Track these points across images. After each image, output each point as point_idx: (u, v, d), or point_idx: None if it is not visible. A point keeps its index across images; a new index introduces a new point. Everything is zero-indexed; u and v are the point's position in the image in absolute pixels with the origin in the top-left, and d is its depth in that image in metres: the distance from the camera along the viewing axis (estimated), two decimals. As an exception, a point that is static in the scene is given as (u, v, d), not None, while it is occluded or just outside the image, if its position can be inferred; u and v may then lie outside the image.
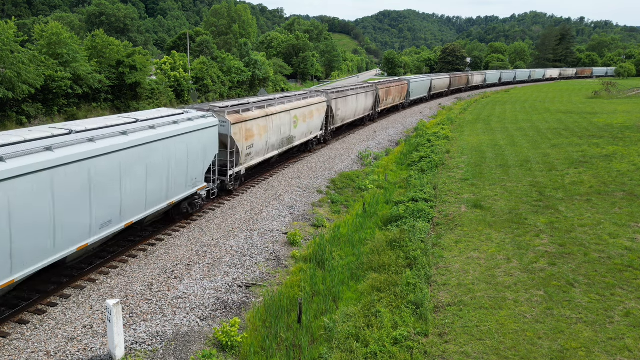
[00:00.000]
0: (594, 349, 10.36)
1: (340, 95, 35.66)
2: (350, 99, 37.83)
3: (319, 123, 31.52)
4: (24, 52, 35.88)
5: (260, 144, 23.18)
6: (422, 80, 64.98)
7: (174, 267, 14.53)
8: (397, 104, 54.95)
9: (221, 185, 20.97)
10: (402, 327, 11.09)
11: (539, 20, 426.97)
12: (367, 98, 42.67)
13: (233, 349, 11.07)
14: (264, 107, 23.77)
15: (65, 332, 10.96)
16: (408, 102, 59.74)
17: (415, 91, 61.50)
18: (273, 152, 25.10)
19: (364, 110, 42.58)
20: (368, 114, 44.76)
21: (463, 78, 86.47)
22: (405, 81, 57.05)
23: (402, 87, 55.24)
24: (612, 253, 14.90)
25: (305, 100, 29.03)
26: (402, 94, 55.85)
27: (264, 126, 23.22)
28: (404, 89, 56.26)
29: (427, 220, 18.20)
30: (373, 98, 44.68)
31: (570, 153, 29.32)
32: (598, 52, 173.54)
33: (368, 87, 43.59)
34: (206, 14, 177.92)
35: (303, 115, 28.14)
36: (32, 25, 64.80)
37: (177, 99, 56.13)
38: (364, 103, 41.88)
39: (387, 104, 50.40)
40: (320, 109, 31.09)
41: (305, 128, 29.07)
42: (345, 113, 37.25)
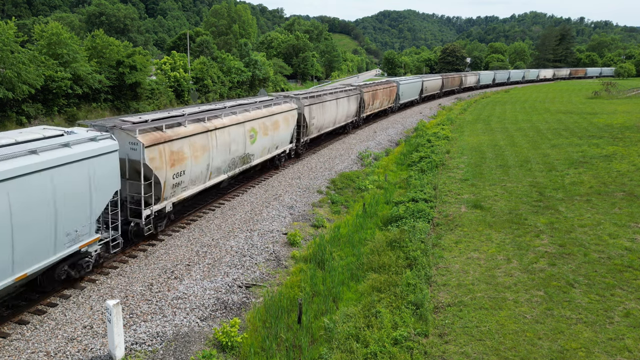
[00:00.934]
0: (593, 349, 10.37)
1: (315, 101, 30.74)
2: (328, 105, 33.04)
3: (287, 135, 26.53)
4: (24, 52, 35.87)
5: (197, 169, 17.76)
6: (412, 82, 61.01)
7: (174, 267, 14.53)
8: (385, 108, 50.56)
9: (136, 229, 15.59)
10: (402, 327, 11.09)
11: (539, 20, 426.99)
12: (349, 103, 37.75)
13: (233, 349, 11.07)
14: (203, 121, 18.40)
15: (65, 333, 10.96)
16: (397, 106, 55.58)
17: (405, 94, 57.53)
18: (220, 176, 19.79)
19: (345, 116, 37.82)
20: (351, 120, 39.96)
21: (456, 79, 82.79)
22: (394, 83, 52.64)
23: (391, 89, 50.78)
24: (612, 253, 14.90)
25: (268, 109, 24.02)
26: (390, 97, 51.37)
27: (202, 145, 17.83)
28: (393, 92, 51.88)
29: (427, 221, 18.21)
30: (357, 103, 40.01)
31: (570, 153, 29.32)
32: (598, 52, 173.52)
33: (351, 91, 38.63)
34: (206, 14, 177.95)
35: (264, 127, 23.15)
36: (32, 26, 64.82)
37: (177, 99, 56.13)
38: (345, 109, 37.06)
39: (373, 109, 46.11)
40: (288, 118, 26.12)
41: (268, 142, 23.97)
42: (323, 121, 32.52)
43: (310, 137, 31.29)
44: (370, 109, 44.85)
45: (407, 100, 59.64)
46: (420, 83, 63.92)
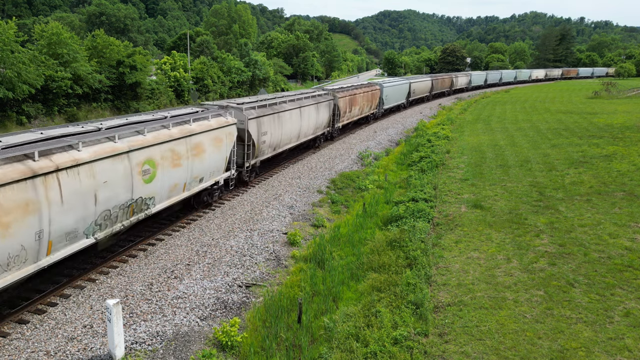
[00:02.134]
0: (593, 348, 10.36)
1: (266, 111, 23.97)
2: (288, 116, 26.42)
3: (218, 161, 19.29)
4: (24, 52, 35.87)
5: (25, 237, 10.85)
6: (398, 84, 54.96)
7: (174, 267, 14.53)
8: (366, 114, 44.59)
9: None
10: (402, 327, 11.09)
11: (539, 20, 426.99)
12: (319, 111, 31.35)
13: (233, 348, 11.07)
14: (28, 158, 11.11)
15: (65, 332, 10.96)
16: (381, 112, 49.50)
17: (390, 98, 51.47)
18: (74, 244, 12.55)
19: (314, 128, 31.23)
20: (322, 132, 33.39)
21: (446, 80, 77.73)
22: (376, 86, 46.77)
23: (373, 93, 44.90)
24: (612, 253, 14.89)
25: (183, 128, 16.60)
26: (372, 103, 45.42)
27: (20, 203, 10.58)
28: (375, 96, 46.02)
29: (427, 220, 18.21)
30: (329, 110, 33.62)
31: (570, 153, 29.32)
32: (598, 52, 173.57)
33: (321, 97, 32.35)
34: (206, 14, 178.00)
35: (173, 155, 15.95)
36: (32, 25, 64.83)
37: (177, 98, 56.14)
38: (314, 119, 30.61)
39: (351, 117, 39.60)
40: (221, 138, 19.19)
41: (183, 175, 16.79)
42: (280, 137, 25.77)
43: (261, 158, 24.20)
44: (347, 116, 38.28)
45: (393, 104, 53.77)
46: (407, 85, 58.42)
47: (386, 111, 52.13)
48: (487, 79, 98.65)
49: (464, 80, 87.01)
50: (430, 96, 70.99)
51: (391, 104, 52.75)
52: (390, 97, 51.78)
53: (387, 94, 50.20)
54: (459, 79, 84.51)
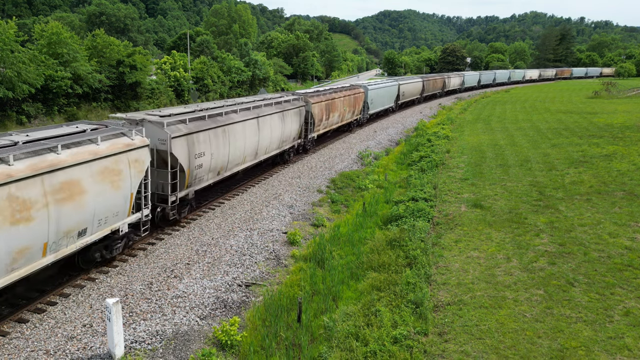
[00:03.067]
0: (593, 348, 10.36)
1: (206, 125, 18.35)
2: (239, 129, 20.75)
3: (116, 201, 13.58)
4: (24, 52, 35.86)
5: None
6: (385, 87, 49.59)
7: (174, 266, 14.53)
8: (348, 121, 38.94)
9: None
10: (401, 326, 11.08)
11: (539, 20, 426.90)
12: (286, 121, 25.73)
13: (233, 347, 11.07)
14: None
15: (65, 331, 10.96)
16: (365, 117, 44.00)
17: (376, 101, 46.19)
18: None
19: (279, 141, 25.38)
20: (292, 145, 27.88)
21: (438, 81, 73.38)
22: (360, 89, 41.12)
23: (356, 97, 39.31)
24: (612, 252, 14.89)
25: (35, 161, 11.11)
26: (355, 107, 39.66)
27: None
28: (359, 100, 40.43)
29: (427, 220, 18.20)
30: (300, 119, 28.05)
31: (570, 153, 29.31)
32: (598, 52, 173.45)
33: (289, 103, 26.61)
34: (206, 13, 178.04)
35: (16, 206, 10.53)
36: (32, 25, 64.80)
37: (177, 98, 56.14)
38: (279, 130, 24.91)
39: (329, 125, 34.16)
40: (117, 171, 13.42)
41: (42, 234, 11.24)
42: (226, 157, 19.96)
43: (198, 187, 18.56)
44: (324, 125, 32.83)
45: (379, 109, 48.48)
46: (395, 87, 52.98)
47: (372, 117, 46.90)
48: (480, 80, 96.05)
49: (456, 81, 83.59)
50: (421, 98, 66.67)
51: (377, 109, 47.58)
52: (377, 101, 46.58)
53: (373, 98, 44.76)
54: (452, 79, 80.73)
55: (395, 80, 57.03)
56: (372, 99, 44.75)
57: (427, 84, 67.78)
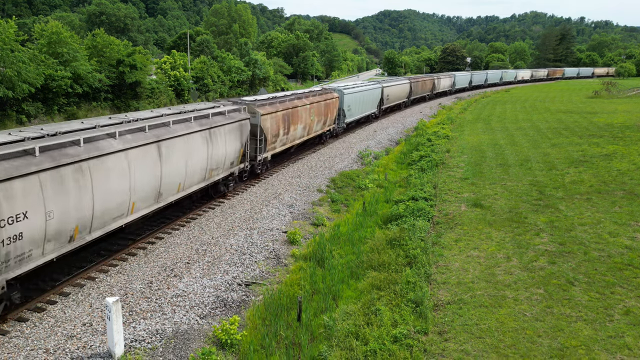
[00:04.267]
0: (593, 347, 10.35)
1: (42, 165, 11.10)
2: (121, 165, 13.66)
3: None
4: (24, 51, 35.85)
5: None
6: (366, 90, 42.36)
7: (174, 265, 14.52)
8: (318, 133, 32.45)
9: None
10: (401, 325, 11.08)
11: (539, 20, 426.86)
12: (216, 142, 18.83)
13: (232, 346, 11.06)
14: None
15: (65, 330, 10.95)
16: (341, 127, 37.25)
17: (354, 108, 39.14)
18: None
19: (203, 171, 18.46)
20: (227, 174, 20.66)
21: (427, 83, 68.23)
22: (334, 93, 34.53)
23: (328, 103, 32.81)
24: (612, 252, 14.89)
25: None
26: (327, 116, 32.96)
27: None
28: (332, 107, 33.81)
29: (427, 219, 18.20)
30: (241, 137, 21.08)
31: (570, 152, 29.31)
32: (598, 52, 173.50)
33: (224, 117, 19.79)
34: (206, 13, 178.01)
35: None
36: (32, 25, 64.86)
37: (177, 98, 56.14)
38: (202, 157, 18.03)
39: (289, 141, 27.13)
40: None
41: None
42: (87, 212, 12.57)
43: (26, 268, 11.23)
44: (281, 141, 25.86)
45: (359, 116, 41.27)
46: (378, 90, 46.43)
47: (349, 125, 40.20)
48: (472, 81, 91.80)
49: (447, 83, 78.48)
50: (408, 102, 60.60)
51: (356, 116, 40.52)
52: (355, 107, 39.63)
53: (350, 103, 37.90)
54: (442, 81, 75.82)
55: (378, 82, 49.89)
56: (350, 104, 37.80)
57: (415, 86, 61.79)
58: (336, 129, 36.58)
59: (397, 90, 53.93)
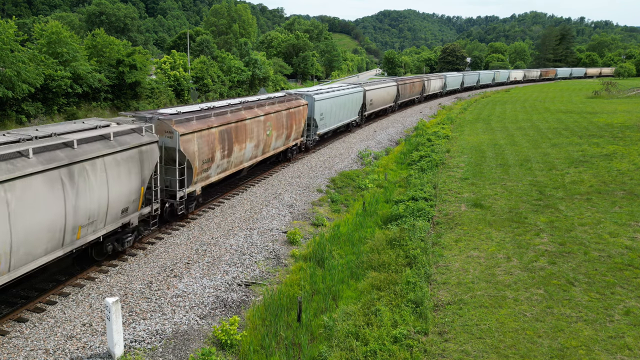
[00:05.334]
0: (594, 347, 10.34)
1: None
2: None
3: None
4: (24, 51, 35.86)
5: None
6: (343, 95, 35.31)
7: (174, 265, 14.50)
8: (280, 150, 26.17)
9: None
10: (401, 325, 11.07)
11: (539, 20, 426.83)
12: (87, 184, 12.26)
13: (232, 347, 11.05)
14: None
15: (65, 330, 10.94)
16: (313, 139, 31.03)
17: (329, 117, 32.95)
18: None
19: (55, 239, 11.56)
20: (117, 226, 13.97)
21: (417, 85, 62.44)
22: (300, 100, 28.46)
23: (292, 112, 26.55)
24: (612, 252, 14.88)
25: None
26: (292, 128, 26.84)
27: None
28: (298, 116, 27.59)
29: (427, 219, 18.19)
30: (142, 171, 14.46)
31: (570, 152, 29.30)
32: (598, 52, 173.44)
33: (112, 141, 13.36)
34: (206, 13, 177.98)
35: None
36: (32, 25, 64.82)
37: (177, 98, 56.13)
38: (47, 214, 11.09)
39: (233, 166, 21.04)
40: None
41: None
42: None
43: None
44: (218, 167, 19.64)
45: (335, 126, 34.94)
46: (360, 95, 39.89)
47: (323, 137, 34.16)
48: (464, 82, 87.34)
49: (437, 84, 73.59)
50: (395, 106, 54.71)
51: (331, 126, 34.09)
52: (330, 115, 33.36)
53: (324, 111, 31.82)
54: (432, 82, 70.64)
55: (359, 85, 42.87)
56: (322, 112, 31.59)
57: (403, 88, 55.92)
58: (306, 142, 30.50)
59: (382, 93, 47.64)
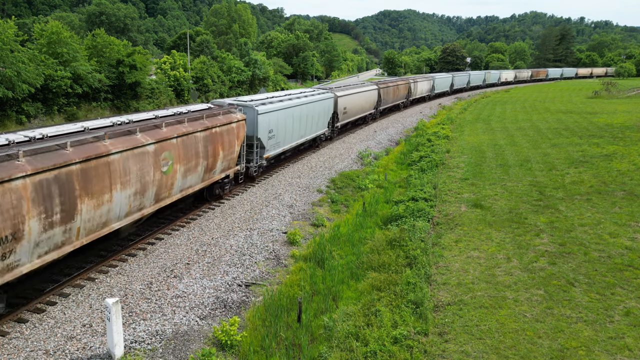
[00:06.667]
0: (594, 348, 10.34)
1: None
2: None
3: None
4: (23, 52, 35.84)
5: None
6: (304, 104, 27.80)
7: (174, 266, 14.51)
8: (192, 192, 18.01)
9: None
10: (401, 326, 11.07)
11: (539, 20, 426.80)
12: None
13: (232, 347, 11.05)
14: None
15: (65, 331, 10.94)
16: (255, 168, 23.16)
17: (282, 133, 25.16)
18: None
19: None
20: None
21: (401, 88, 55.09)
22: (235, 114, 20.30)
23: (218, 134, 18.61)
24: (612, 252, 14.88)
25: None
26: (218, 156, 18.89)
27: None
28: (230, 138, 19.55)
29: (427, 220, 18.19)
30: None
31: (570, 153, 29.29)
32: (598, 52, 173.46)
33: None
34: (206, 13, 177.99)
35: None
36: (32, 25, 64.81)
37: (177, 98, 56.12)
38: None
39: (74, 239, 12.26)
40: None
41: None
42: None
43: None
44: (45, 245, 11.32)
45: (295, 143, 27.27)
46: (330, 102, 32.40)
47: (271, 162, 25.77)
48: (453, 84, 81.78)
49: (425, 87, 67.15)
50: (376, 113, 47.28)
51: (288, 144, 26.26)
52: (285, 132, 25.36)
53: (274, 127, 23.81)
54: (419, 84, 63.70)
55: (330, 90, 34.89)
56: (272, 128, 23.52)
57: (386, 92, 48.87)
58: (246, 171, 22.72)
59: (359, 100, 39.97)
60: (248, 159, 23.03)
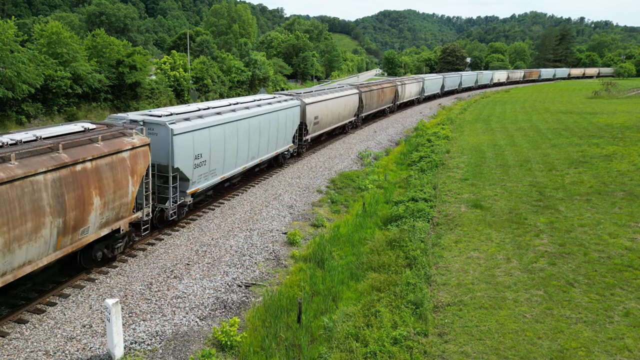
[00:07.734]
0: (593, 348, 10.35)
1: None
2: None
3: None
4: (23, 52, 35.86)
5: None
6: (261, 114, 22.76)
7: (174, 266, 14.51)
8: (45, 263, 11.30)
9: None
10: (401, 326, 11.07)
11: (539, 20, 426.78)
12: None
13: (232, 348, 11.05)
14: None
15: (65, 332, 10.94)
16: (170, 213, 16.73)
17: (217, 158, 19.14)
18: None
19: None
20: None
21: (387, 92, 49.30)
22: (128, 138, 13.99)
23: (101, 166, 12.59)
24: (612, 253, 14.88)
25: None
26: (94, 206, 12.45)
27: None
28: (120, 177, 13.36)
29: (426, 220, 18.19)
30: None
31: (570, 153, 29.30)
32: (598, 52, 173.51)
33: None
34: (206, 13, 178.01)
35: None
36: (32, 25, 64.82)
37: (177, 98, 56.11)
38: None
39: None
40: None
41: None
42: None
43: None
44: None
45: (242, 167, 21.74)
46: (295, 110, 27.28)
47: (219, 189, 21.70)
48: (444, 85, 77.19)
49: (414, 89, 61.35)
50: (357, 121, 41.73)
51: (233, 169, 21.09)
52: (225, 155, 19.96)
53: (204, 151, 18.28)
54: (407, 87, 57.74)
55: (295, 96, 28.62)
56: (201, 153, 18.02)
57: (369, 97, 42.98)
58: (161, 213, 17.07)
59: (335, 106, 33.72)
60: (161, 198, 16.96)
